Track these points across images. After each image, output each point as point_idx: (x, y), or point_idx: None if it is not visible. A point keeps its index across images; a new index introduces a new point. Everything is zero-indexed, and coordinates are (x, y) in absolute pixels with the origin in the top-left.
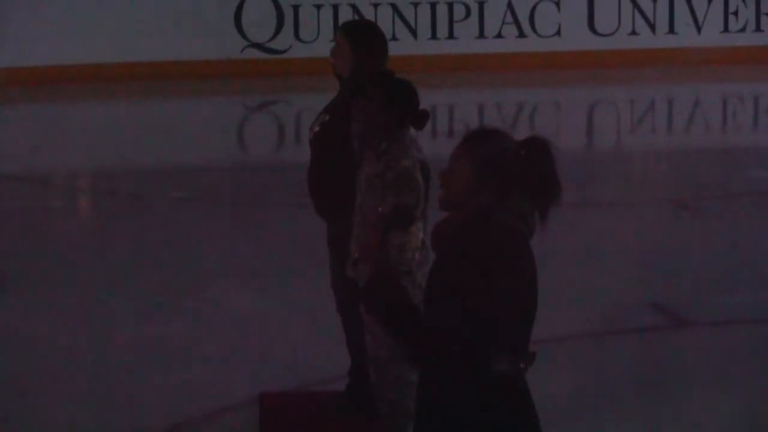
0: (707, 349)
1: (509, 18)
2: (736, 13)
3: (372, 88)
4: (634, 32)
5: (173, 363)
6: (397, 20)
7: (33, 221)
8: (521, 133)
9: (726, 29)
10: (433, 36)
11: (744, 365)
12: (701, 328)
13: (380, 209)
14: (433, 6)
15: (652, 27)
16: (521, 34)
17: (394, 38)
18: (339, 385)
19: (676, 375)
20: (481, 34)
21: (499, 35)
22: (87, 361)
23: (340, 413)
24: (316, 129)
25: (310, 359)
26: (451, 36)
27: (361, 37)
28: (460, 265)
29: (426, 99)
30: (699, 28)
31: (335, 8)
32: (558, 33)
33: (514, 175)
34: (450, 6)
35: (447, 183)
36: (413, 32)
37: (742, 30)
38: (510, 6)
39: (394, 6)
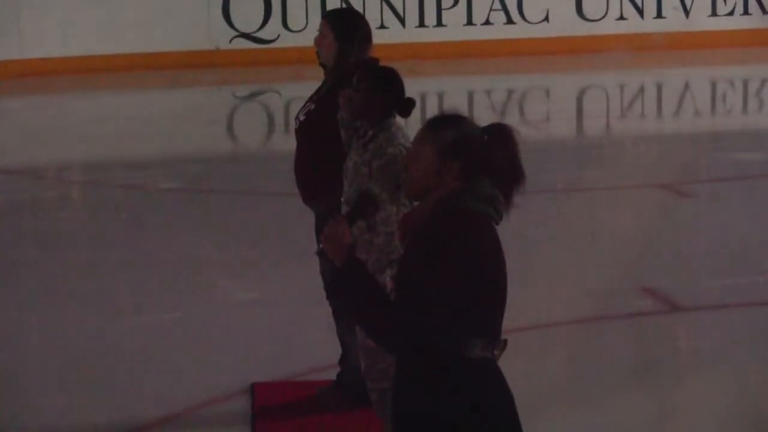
0: (701, 334)
1: (497, 5)
2: None
3: (357, 77)
4: (622, 17)
5: (163, 353)
6: (386, 8)
7: (26, 214)
8: (511, 120)
9: (714, 13)
10: (422, 24)
11: (738, 349)
12: (694, 312)
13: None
14: None
15: (640, 12)
16: (509, 21)
17: (382, 26)
18: (330, 374)
19: (670, 360)
20: (470, 22)
21: (487, 22)
22: (80, 352)
23: (331, 402)
24: (302, 118)
25: (301, 348)
26: (439, 23)
27: (344, 26)
28: (430, 252)
29: (415, 87)
30: (687, 12)
31: None
32: (546, 19)
33: (479, 160)
34: None
35: (411, 170)
36: (401, 20)
37: (731, 14)
38: None
39: None
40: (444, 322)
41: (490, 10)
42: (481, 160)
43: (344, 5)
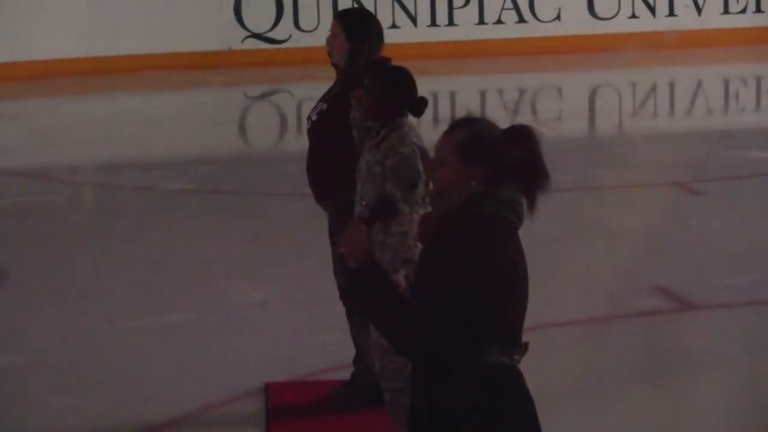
0: (712, 332)
1: (509, 4)
2: None
3: (368, 77)
4: (634, 16)
5: (177, 354)
6: (397, 8)
7: (36, 215)
8: (523, 119)
9: (726, 11)
10: (433, 23)
11: (750, 348)
12: (706, 310)
13: (364, 202)
14: None
15: (652, 10)
16: (521, 20)
17: (394, 26)
18: (344, 374)
19: (682, 358)
20: (481, 21)
21: (499, 21)
22: (91, 354)
23: (342, 402)
24: (314, 118)
25: (315, 348)
26: (451, 23)
27: (356, 25)
28: (447, 256)
29: (427, 86)
30: (699, 10)
31: None
32: (558, 18)
33: (500, 164)
34: None
35: (433, 173)
36: (413, 20)
37: (743, 11)
38: None
39: None
40: (458, 326)
41: (502, 9)
42: (502, 163)
43: (355, 5)
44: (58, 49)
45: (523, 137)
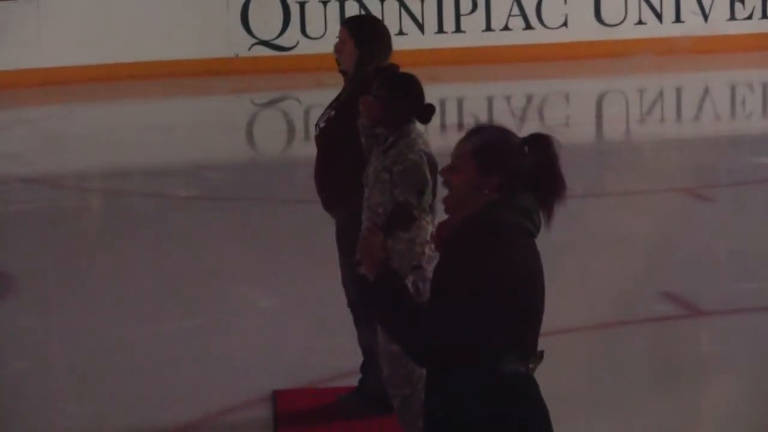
0: (721, 338)
1: (516, 10)
2: (743, 1)
3: (376, 84)
4: (641, 22)
5: (185, 361)
6: (404, 14)
7: (45, 221)
8: (531, 125)
9: (733, 17)
10: (440, 30)
11: (759, 353)
12: (715, 316)
13: (381, 210)
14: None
15: (659, 16)
16: (528, 27)
17: (401, 32)
18: (352, 380)
19: (692, 364)
20: (488, 27)
21: (506, 28)
22: (100, 360)
23: (353, 409)
24: (322, 125)
25: (322, 355)
26: (458, 29)
27: (364, 32)
28: (462, 263)
29: (434, 93)
30: (706, 17)
31: (341, 4)
32: (565, 24)
33: (518, 172)
34: None
35: (450, 181)
36: (420, 26)
37: (749, 17)
38: None
39: (400, 0)
40: (475, 334)
41: (509, 15)
42: (519, 171)
43: (363, 12)
44: (67, 56)
45: (541, 146)
